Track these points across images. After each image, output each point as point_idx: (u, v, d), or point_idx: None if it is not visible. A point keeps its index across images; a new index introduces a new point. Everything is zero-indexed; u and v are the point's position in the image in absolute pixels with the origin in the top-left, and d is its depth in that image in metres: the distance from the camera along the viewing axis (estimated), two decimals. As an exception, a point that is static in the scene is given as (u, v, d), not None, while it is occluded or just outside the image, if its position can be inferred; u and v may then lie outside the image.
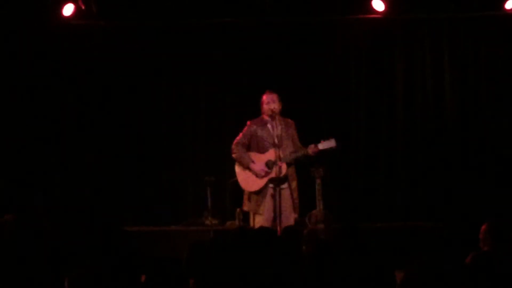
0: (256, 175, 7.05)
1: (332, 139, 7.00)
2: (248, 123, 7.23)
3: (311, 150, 6.98)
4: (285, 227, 5.91)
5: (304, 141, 7.20)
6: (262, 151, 7.09)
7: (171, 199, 8.83)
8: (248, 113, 7.44)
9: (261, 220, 6.98)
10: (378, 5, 8.54)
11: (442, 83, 8.83)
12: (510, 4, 8.49)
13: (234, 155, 7.20)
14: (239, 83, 8.79)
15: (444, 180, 8.66)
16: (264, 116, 7.17)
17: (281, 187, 6.94)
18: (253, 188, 7.09)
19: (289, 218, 6.97)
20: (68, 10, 8.46)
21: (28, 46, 8.62)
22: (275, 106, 7.08)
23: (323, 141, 7.00)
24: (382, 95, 8.91)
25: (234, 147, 7.20)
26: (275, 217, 6.88)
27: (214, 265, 4.14)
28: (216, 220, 8.20)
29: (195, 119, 8.95)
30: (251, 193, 7.11)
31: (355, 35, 8.87)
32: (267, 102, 7.09)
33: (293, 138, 7.18)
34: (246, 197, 7.19)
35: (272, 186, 6.98)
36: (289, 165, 7.05)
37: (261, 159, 7.07)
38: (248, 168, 7.10)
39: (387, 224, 8.26)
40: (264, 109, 7.13)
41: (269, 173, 7.00)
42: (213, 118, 8.91)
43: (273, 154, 6.95)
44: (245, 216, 7.62)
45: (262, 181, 7.04)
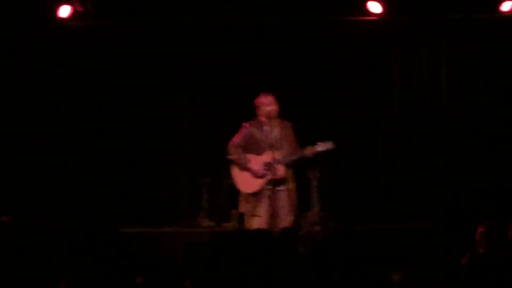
0: (254, 174, 7.04)
1: (329, 141, 7.01)
2: (243, 124, 7.20)
3: (309, 151, 6.98)
4: (282, 229, 5.90)
5: (301, 142, 7.20)
6: (259, 152, 7.06)
7: (167, 200, 8.82)
8: (245, 114, 7.42)
9: (257, 221, 6.96)
10: (375, 7, 8.55)
11: (439, 85, 8.84)
12: (505, 6, 8.53)
13: (230, 156, 7.16)
14: (236, 83, 8.78)
15: (441, 182, 8.66)
16: (260, 118, 7.15)
17: (278, 188, 6.94)
18: (250, 189, 7.08)
19: (286, 219, 6.96)
20: (64, 11, 8.46)
21: (25, 47, 8.63)
22: (274, 108, 7.06)
23: (320, 143, 7.00)
24: (379, 97, 8.91)
25: (230, 148, 7.17)
26: (271, 218, 6.88)
27: (210, 266, 4.14)
28: (212, 221, 8.20)
29: (192, 120, 8.93)
30: (248, 194, 7.09)
31: (352, 37, 8.88)
32: (266, 104, 7.07)
33: (291, 140, 7.15)
34: (242, 198, 7.17)
35: (269, 187, 6.98)
36: (286, 166, 7.04)
37: (258, 161, 7.06)
38: (246, 168, 7.07)
39: (384, 226, 8.26)
40: (261, 111, 7.10)
41: (267, 175, 7.00)
42: (210, 119, 8.89)
43: (270, 156, 6.95)
44: (242, 217, 7.60)
45: (259, 183, 7.03)
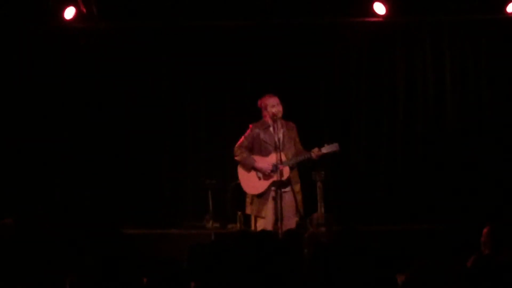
0: (262, 172, 7.01)
1: (335, 143, 7.01)
2: (250, 126, 7.21)
3: (315, 153, 6.99)
4: (287, 230, 5.90)
5: (304, 143, 7.20)
6: (264, 154, 7.07)
7: (172, 202, 8.82)
8: (249, 116, 7.43)
9: (263, 223, 6.98)
10: (379, 8, 8.55)
11: (442, 86, 8.84)
12: (511, 7, 8.50)
13: (237, 158, 7.16)
14: (240, 85, 8.79)
15: (445, 183, 8.65)
16: (266, 119, 7.15)
17: (283, 190, 6.94)
18: (255, 191, 7.08)
19: (291, 221, 6.97)
20: (69, 13, 8.48)
21: (29, 49, 8.64)
22: (279, 109, 7.06)
23: (326, 145, 7.00)
24: (383, 98, 8.91)
25: (236, 150, 7.17)
26: (276, 220, 6.88)
27: (215, 268, 4.14)
28: (217, 223, 8.20)
29: (196, 122, 8.94)
30: (254, 196, 7.09)
31: (356, 38, 8.88)
32: (272, 105, 7.06)
33: (295, 141, 7.16)
34: (248, 200, 7.17)
35: (274, 189, 6.98)
36: (291, 168, 7.04)
37: (264, 162, 7.06)
38: (253, 167, 7.06)
39: (389, 227, 8.26)
40: (267, 112, 7.10)
41: (272, 176, 7.00)
42: (214, 120, 8.89)
43: (276, 157, 6.95)
44: (246, 219, 7.60)
45: (264, 184, 7.03)
